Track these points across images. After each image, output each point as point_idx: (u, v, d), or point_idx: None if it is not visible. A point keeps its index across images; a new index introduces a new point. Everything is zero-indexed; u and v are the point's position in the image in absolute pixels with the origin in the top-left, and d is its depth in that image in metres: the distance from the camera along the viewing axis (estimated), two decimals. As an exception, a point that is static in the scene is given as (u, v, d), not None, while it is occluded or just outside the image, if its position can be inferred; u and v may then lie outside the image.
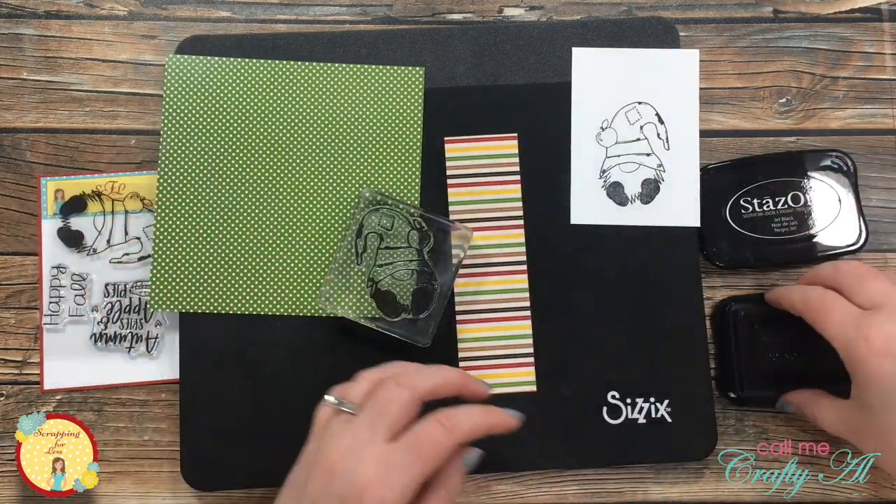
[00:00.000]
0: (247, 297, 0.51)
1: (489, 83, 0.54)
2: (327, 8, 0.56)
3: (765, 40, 0.56)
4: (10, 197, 0.54)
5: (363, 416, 0.41)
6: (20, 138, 0.55)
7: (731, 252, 0.53)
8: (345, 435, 0.40)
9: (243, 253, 0.52)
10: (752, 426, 0.53)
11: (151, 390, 0.53)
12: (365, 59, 0.54)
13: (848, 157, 0.53)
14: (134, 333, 0.53)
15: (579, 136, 0.54)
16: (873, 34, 0.56)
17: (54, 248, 0.53)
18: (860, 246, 0.52)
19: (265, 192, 0.52)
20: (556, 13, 0.56)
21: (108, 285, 0.53)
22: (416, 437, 0.40)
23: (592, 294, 0.52)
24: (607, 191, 0.53)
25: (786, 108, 0.55)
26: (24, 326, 0.53)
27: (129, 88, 0.55)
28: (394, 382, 0.42)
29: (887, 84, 0.56)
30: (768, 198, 0.53)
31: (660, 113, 0.54)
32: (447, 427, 0.41)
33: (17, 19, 0.56)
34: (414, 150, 0.53)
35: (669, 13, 0.56)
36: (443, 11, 0.56)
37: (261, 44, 0.54)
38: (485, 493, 0.52)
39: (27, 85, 0.55)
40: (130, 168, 0.54)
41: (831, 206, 0.52)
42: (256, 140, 0.53)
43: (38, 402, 0.53)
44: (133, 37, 0.56)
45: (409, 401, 0.41)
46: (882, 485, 0.52)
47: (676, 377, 0.51)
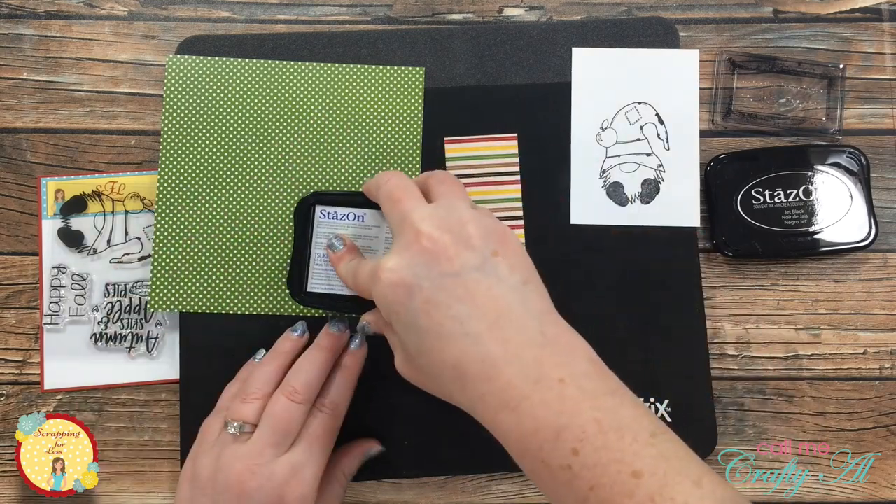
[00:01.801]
0: (247, 297, 0.51)
1: (489, 83, 0.54)
2: (327, 8, 0.56)
3: (765, 40, 0.56)
4: (11, 197, 0.54)
5: (265, 436, 0.44)
6: (20, 138, 0.55)
7: (739, 242, 0.53)
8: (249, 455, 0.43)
9: (243, 253, 0.52)
10: (752, 426, 0.53)
11: (151, 390, 0.53)
12: (365, 59, 0.54)
13: (862, 154, 0.53)
14: (134, 333, 0.53)
15: (579, 136, 0.54)
16: (873, 34, 0.56)
17: (54, 248, 0.53)
18: (869, 243, 0.52)
19: (265, 192, 0.52)
20: (556, 13, 0.56)
21: (109, 285, 0.53)
22: (310, 433, 0.45)
23: (592, 294, 0.52)
24: (607, 191, 0.53)
25: (785, 108, 0.55)
26: (24, 326, 0.53)
27: (129, 88, 0.55)
28: (286, 398, 0.44)
29: (887, 84, 0.56)
30: (780, 190, 0.53)
31: (660, 113, 0.54)
32: (331, 413, 0.46)
33: (17, 19, 0.56)
34: (414, 151, 0.53)
35: (669, 13, 0.56)
36: (443, 11, 0.56)
37: (261, 44, 0.54)
38: (485, 493, 0.52)
39: (27, 85, 0.55)
40: (130, 168, 0.54)
41: (842, 201, 0.53)
42: (256, 140, 0.53)
43: (39, 402, 0.53)
44: (133, 37, 0.56)
45: (304, 412, 0.45)
46: (882, 485, 0.52)
47: (676, 377, 0.52)
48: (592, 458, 0.34)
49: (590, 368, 0.37)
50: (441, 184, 0.43)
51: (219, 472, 0.43)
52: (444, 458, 0.51)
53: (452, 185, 0.43)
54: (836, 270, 0.54)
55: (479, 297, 0.37)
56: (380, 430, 0.51)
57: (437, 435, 0.51)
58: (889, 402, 0.53)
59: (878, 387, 0.53)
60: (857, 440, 0.53)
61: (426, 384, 0.41)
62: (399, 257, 0.39)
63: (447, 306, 0.37)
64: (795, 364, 0.53)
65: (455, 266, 0.38)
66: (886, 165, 0.55)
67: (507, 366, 0.36)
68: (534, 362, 0.36)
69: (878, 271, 0.54)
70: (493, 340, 0.36)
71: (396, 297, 0.39)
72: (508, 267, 0.39)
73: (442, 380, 0.38)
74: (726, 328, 0.54)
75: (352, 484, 0.51)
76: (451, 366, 0.37)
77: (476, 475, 0.52)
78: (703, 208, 0.54)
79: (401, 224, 0.41)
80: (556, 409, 0.35)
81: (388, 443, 0.51)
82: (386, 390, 0.51)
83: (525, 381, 0.36)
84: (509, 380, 0.36)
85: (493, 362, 0.36)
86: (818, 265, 0.54)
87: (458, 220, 0.40)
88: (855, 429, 0.53)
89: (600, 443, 0.34)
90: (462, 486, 0.52)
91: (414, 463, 0.51)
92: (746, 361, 0.53)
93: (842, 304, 0.54)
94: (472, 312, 0.37)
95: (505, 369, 0.36)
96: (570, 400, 0.35)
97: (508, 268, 0.39)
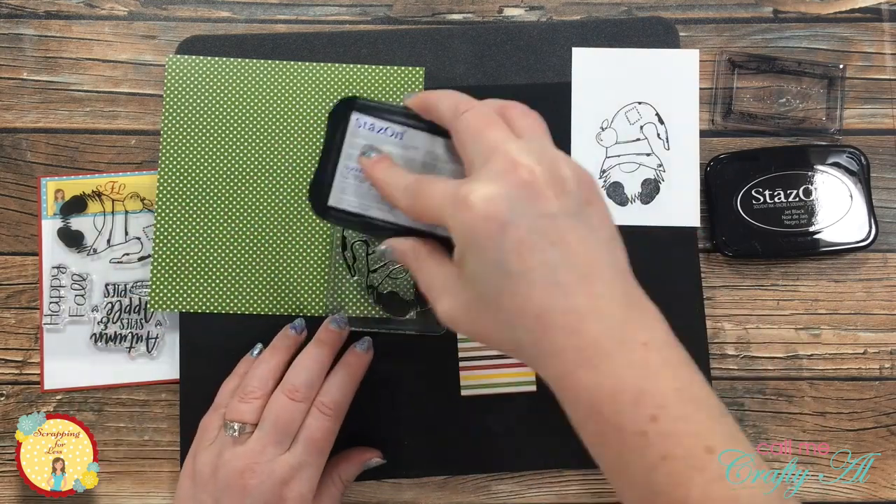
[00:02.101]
0: (247, 297, 0.51)
1: (489, 83, 0.54)
2: (327, 8, 0.56)
3: (765, 40, 0.56)
4: (10, 197, 0.54)
5: (267, 435, 0.44)
6: (20, 138, 0.55)
7: (739, 242, 0.53)
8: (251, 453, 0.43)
9: (243, 253, 0.52)
10: (751, 426, 0.53)
11: (151, 390, 0.53)
12: (365, 59, 0.54)
13: (862, 154, 0.53)
14: (134, 333, 0.53)
15: (579, 136, 0.54)
16: (873, 34, 0.56)
17: (54, 248, 0.53)
18: (869, 243, 0.52)
19: (265, 192, 0.52)
20: (556, 13, 0.56)
21: (109, 285, 0.53)
22: (309, 435, 0.44)
23: (592, 294, 0.52)
24: (607, 191, 0.53)
25: (785, 108, 0.55)
26: (24, 326, 0.53)
27: (129, 88, 0.55)
28: (286, 397, 0.45)
29: (887, 84, 0.56)
30: (780, 190, 0.53)
31: (660, 113, 0.54)
32: (332, 414, 0.45)
33: (17, 19, 0.56)
34: (414, 150, 0.53)
35: (669, 13, 0.56)
36: (443, 11, 0.56)
37: (261, 44, 0.54)
38: (485, 493, 0.52)
39: (27, 85, 0.55)
40: (130, 168, 0.54)
41: (842, 201, 0.53)
42: (257, 140, 0.53)
43: (39, 402, 0.53)
44: (133, 37, 0.56)
45: (304, 411, 0.45)
46: (882, 485, 0.52)
47: (676, 377, 0.51)
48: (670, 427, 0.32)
49: (669, 338, 0.35)
50: (525, 117, 0.39)
51: (220, 469, 0.43)
52: (444, 458, 0.51)
53: (537, 121, 0.39)
54: (836, 270, 0.54)
55: (573, 245, 0.34)
56: (380, 429, 0.51)
57: (437, 435, 0.51)
58: (889, 402, 0.53)
59: (878, 387, 0.53)
60: (857, 440, 0.53)
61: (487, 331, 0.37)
62: (494, 185, 0.34)
63: (541, 250, 0.34)
64: (795, 364, 0.53)
65: (553, 207, 0.34)
66: (886, 165, 0.55)
67: (594, 322, 0.34)
68: (620, 322, 0.34)
69: (878, 271, 0.54)
70: (582, 293, 0.34)
71: (488, 230, 0.34)
72: (600, 219, 0.36)
73: (515, 328, 0.35)
74: (726, 328, 0.54)
75: (352, 483, 0.51)
76: (535, 314, 0.34)
77: (476, 475, 0.52)
78: (703, 208, 0.54)
79: (491, 152, 0.36)
80: (639, 372, 0.33)
81: (388, 443, 0.51)
82: (386, 390, 0.51)
83: (610, 340, 0.33)
84: (595, 336, 0.33)
85: (580, 316, 0.34)
86: (818, 265, 0.54)
87: (553, 159, 0.36)
88: (855, 429, 0.53)
89: (679, 413, 0.33)
90: (462, 486, 0.52)
91: (414, 463, 0.51)
92: (746, 361, 0.53)
93: (842, 304, 0.54)
94: (566, 260, 0.34)
95: (592, 325, 0.33)
96: (653, 365, 0.33)
97: (600, 220, 0.36)
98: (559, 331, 0.34)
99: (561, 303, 0.34)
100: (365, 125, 0.42)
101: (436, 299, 0.38)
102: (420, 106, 0.41)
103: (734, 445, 0.33)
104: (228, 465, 0.43)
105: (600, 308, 0.34)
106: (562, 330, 0.34)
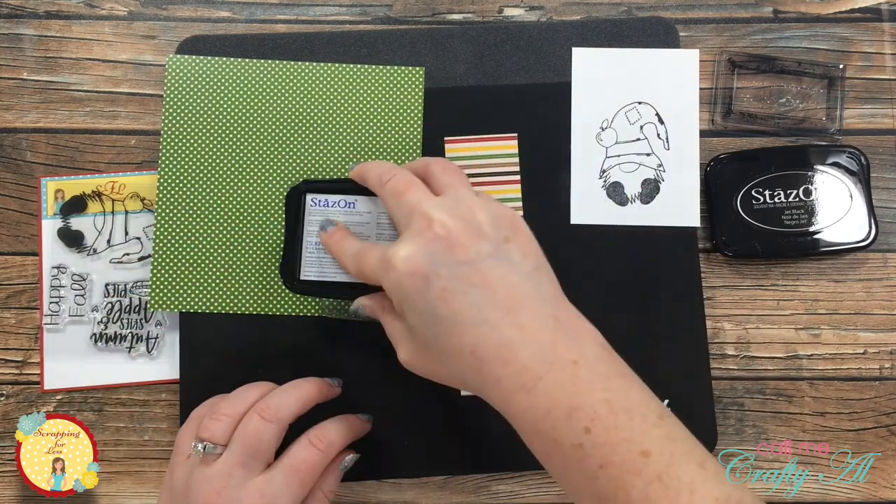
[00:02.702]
0: (247, 297, 0.51)
1: (489, 83, 0.54)
2: (327, 8, 0.56)
3: (765, 40, 0.56)
4: (10, 197, 0.54)
5: (234, 456, 0.42)
6: (20, 138, 0.55)
7: (739, 242, 0.53)
8: (218, 476, 0.41)
9: (243, 253, 0.52)
10: (751, 426, 0.53)
11: (151, 390, 0.53)
12: (365, 59, 0.54)
13: (862, 154, 0.53)
14: (134, 333, 0.53)
15: (579, 136, 0.54)
16: (873, 34, 0.56)
17: (54, 248, 0.53)
18: (869, 243, 0.53)
19: (265, 192, 0.52)
20: (556, 13, 0.56)
21: (109, 285, 0.53)
22: (293, 463, 0.42)
23: (592, 294, 0.52)
24: (607, 191, 0.53)
25: (785, 108, 0.55)
26: (24, 326, 0.53)
27: (129, 88, 0.55)
28: (258, 416, 0.43)
29: (887, 84, 0.56)
30: (780, 190, 0.53)
31: (660, 113, 0.54)
32: (321, 448, 0.44)
33: (17, 19, 0.56)
34: (414, 151, 0.53)
35: (669, 13, 0.56)
36: (443, 11, 0.56)
37: (261, 44, 0.54)
38: (485, 493, 0.52)
39: (27, 85, 0.55)
40: (130, 168, 0.54)
41: (842, 201, 0.53)
42: (257, 140, 0.53)
43: (39, 402, 0.53)
44: (133, 37, 0.56)
45: (277, 434, 0.43)
46: (882, 485, 0.52)
47: (676, 377, 0.51)
48: (603, 436, 0.35)
49: (601, 351, 0.38)
50: (444, 173, 0.43)
51: (191, 490, 0.42)
52: (444, 458, 0.51)
53: (455, 175, 0.43)
54: (836, 270, 0.54)
55: (494, 283, 0.38)
56: (380, 429, 0.51)
57: (437, 435, 0.51)
58: (889, 402, 0.53)
59: (878, 387, 0.53)
60: (857, 440, 0.53)
61: (437, 371, 0.41)
62: (412, 245, 0.39)
63: (464, 293, 0.38)
64: (795, 364, 0.53)
65: (470, 254, 0.38)
66: (886, 165, 0.55)
67: (523, 349, 0.37)
68: (548, 345, 0.37)
69: (878, 271, 0.54)
70: (509, 326, 0.37)
71: (414, 285, 0.38)
72: (521, 253, 0.39)
73: (457, 366, 0.39)
74: (726, 328, 0.54)
75: (352, 484, 0.51)
76: (469, 351, 0.38)
77: (476, 475, 0.52)
78: (703, 208, 0.54)
79: (410, 214, 0.40)
80: (569, 389, 0.36)
81: (388, 443, 0.51)
82: (385, 390, 0.51)
83: (540, 364, 0.36)
84: (525, 363, 0.37)
85: (509, 347, 0.37)
86: (818, 265, 0.54)
87: (468, 208, 0.40)
88: (855, 429, 0.53)
89: (611, 422, 0.35)
90: (462, 486, 0.52)
91: (414, 463, 0.51)
92: (746, 361, 0.53)
93: (842, 304, 0.54)
94: (489, 299, 0.38)
95: (521, 353, 0.37)
96: (582, 381, 0.36)
97: (521, 254, 0.39)
98: (494, 362, 0.37)
99: (491, 337, 0.37)
100: (318, 203, 0.49)
101: (396, 348, 0.42)
102: (358, 178, 0.46)
103: (670, 447, 0.35)
104: (198, 487, 0.41)
105: (528, 336, 0.37)
106: (495, 361, 0.37)
